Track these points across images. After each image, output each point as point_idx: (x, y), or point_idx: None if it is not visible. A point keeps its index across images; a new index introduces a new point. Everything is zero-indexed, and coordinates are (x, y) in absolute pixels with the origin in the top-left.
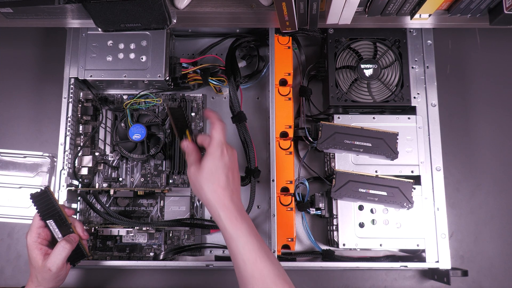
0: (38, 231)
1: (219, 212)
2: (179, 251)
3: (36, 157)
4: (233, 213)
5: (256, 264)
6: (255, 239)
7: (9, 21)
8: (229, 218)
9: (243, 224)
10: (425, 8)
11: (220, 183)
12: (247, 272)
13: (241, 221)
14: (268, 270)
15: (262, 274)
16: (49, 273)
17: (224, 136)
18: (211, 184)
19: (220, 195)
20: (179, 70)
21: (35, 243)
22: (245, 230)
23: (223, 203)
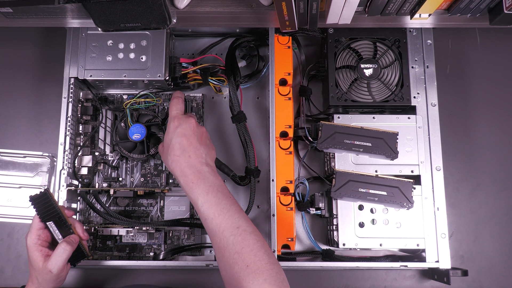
0: (38, 233)
1: (178, 179)
2: (179, 251)
3: (36, 157)
4: (189, 177)
5: (215, 220)
6: (213, 196)
7: (9, 21)
8: (186, 183)
9: (199, 185)
10: (425, 7)
11: (175, 152)
12: (209, 229)
13: (197, 183)
14: (226, 223)
15: (220, 228)
16: (50, 274)
17: (176, 110)
18: (170, 156)
19: (177, 162)
20: (179, 70)
21: (35, 245)
22: (202, 191)
23: (180, 170)
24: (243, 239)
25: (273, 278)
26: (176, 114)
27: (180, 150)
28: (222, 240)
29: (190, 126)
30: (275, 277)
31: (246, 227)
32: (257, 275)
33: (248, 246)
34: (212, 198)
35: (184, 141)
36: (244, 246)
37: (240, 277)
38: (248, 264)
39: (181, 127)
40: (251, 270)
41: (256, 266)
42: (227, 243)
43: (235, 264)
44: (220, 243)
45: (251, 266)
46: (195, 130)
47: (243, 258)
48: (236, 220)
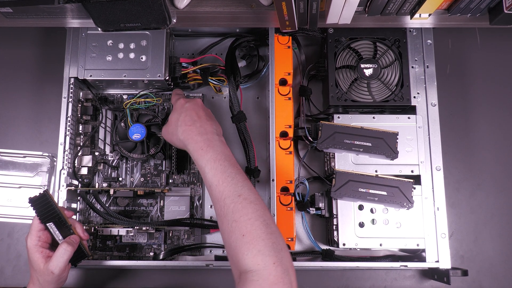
0: (38, 234)
1: (188, 147)
2: (179, 251)
3: (36, 157)
4: (199, 144)
5: (218, 187)
6: (221, 164)
7: (9, 21)
8: (196, 149)
9: (208, 152)
10: (425, 7)
11: (186, 123)
12: (212, 196)
13: (207, 150)
14: (229, 190)
15: (223, 195)
16: (52, 275)
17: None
18: (180, 127)
19: (188, 131)
20: (179, 69)
21: (35, 247)
22: (210, 157)
23: (191, 138)
24: (243, 208)
25: (268, 248)
26: (181, 97)
27: (191, 120)
28: (223, 208)
29: (197, 102)
30: (270, 247)
31: (248, 196)
32: (252, 246)
33: (246, 215)
34: (219, 165)
35: (193, 114)
36: (243, 214)
37: (236, 247)
38: (244, 233)
39: (188, 103)
40: (246, 240)
41: (252, 236)
42: (227, 211)
43: (232, 233)
44: (221, 211)
45: (247, 236)
46: (202, 106)
47: (240, 227)
48: (239, 188)
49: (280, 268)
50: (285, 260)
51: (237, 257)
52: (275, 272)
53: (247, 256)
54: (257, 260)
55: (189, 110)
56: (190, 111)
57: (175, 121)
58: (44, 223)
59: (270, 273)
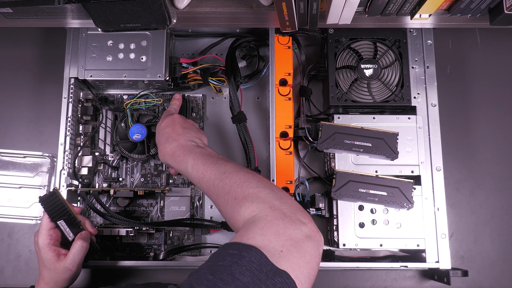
0: (49, 233)
1: (171, 165)
2: (179, 251)
3: (36, 157)
4: (176, 153)
5: (205, 177)
6: (200, 160)
7: (9, 21)
8: (176, 161)
9: (185, 156)
10: (425, 8)
11: (161, 142)
12: (205, 189)
13: (184, 155)
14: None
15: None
16: (69, 273)
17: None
18: (159, 149)
19: (165, 150)
20: (179, 70)
21: (48, 246)
22: (189, 158)
23: (169, 155)
24: (230, 179)
25: (261, 197)
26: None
27: (164, 138)
28: (215, 191)
29: (171, 118)
30: (263, 193)
31: (233, 169)
32: (244, 201)
33: (235, 182)
34: (199, 161)
35: (168, 130)
36: (231, 184)
37: (233, 213)
38: (235, 197)
39: (164, 121)
40: (238, 200)
41: (243, 194)
42: (219, 191)
43: (227, 205)
44: (215, 196)
45: (239, 197)
46: (178, 120)
47: (232, 194)
48: (223, 168)
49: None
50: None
51: (236, 222)
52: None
53: (242, 213)
54: (252, 208)
55: (163, 129)
56: (164, 130)
57: (157, 142)
58: (55, 221)
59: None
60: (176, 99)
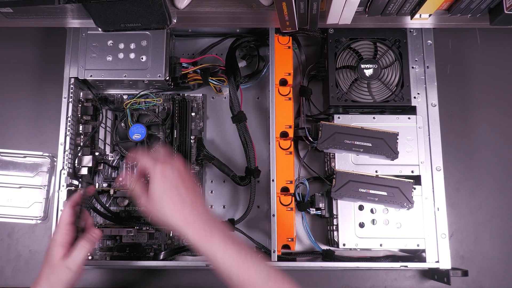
0: (67, 228)
1: (187, 232)
2: (179, 251)
3: (36, 157)
4: (201, 226)
5: (242, 274)
6: (231, 245)
7: (9, 21)
8: (199, 235)
9: (213, 235)
10: (425, 8)
11: (174, 202)
12: (234, 281)
13: (211, 233)
14: (255, 273)
15: (251, 280)
16: (68, 273)
17: (154, 158)
18: (167, 206)
19: (180, 213)
20: (179, 70)
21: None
22: (218, 241)
23: (186, 221)
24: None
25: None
26: (160, 160)
27: (179, 199)
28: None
29: (180, 171)
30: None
31: (275, 274)
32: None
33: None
34: (231, 247)
35: (181, 188)
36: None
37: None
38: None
39: (173, 174)
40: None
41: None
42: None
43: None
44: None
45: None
46: (187, 174)
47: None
48: (263, 267)
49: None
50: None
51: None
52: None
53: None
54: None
55: (175, 184)
56: (176, 186)
57: (160, 197)
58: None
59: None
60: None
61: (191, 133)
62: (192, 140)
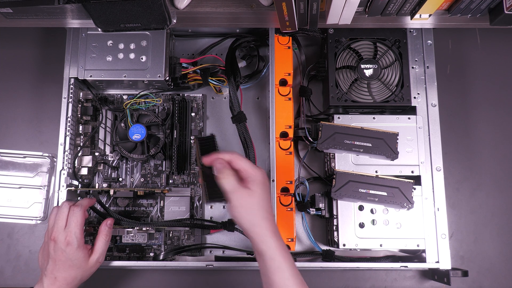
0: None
1: (268, 240)
2: (179, 251)
3: (36, 157)
4: (280, 241)
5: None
6: (296, 270)
7: (9, 21)
8: (279, 247)
9: (288, 254)
10: (425, 8)
11: (269, 210)
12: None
13: (287, 251)
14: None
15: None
16: (98, 265)
17: (251, 162)
18: (262, 211)
19: (271, 222)
20: (179, 70)
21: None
22: (290, 261)
23: (272, 231)
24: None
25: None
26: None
27: (271, 209)
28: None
29: (268, 186)
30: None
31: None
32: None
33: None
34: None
35: (266, 204)
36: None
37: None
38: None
39: (269, 184)
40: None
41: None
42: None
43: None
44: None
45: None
46: (269, 193)
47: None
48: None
49: None
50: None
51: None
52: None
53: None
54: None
55: (269, 193)
56: (269, 195)
57: (261, 200)
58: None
59: None
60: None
61: (191, 133)
62: (192, 140)
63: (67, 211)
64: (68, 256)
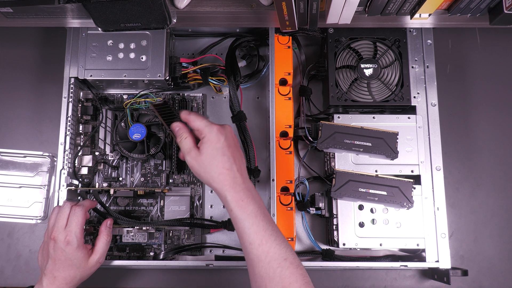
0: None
1: (225, 194)
2: (179, 251)
3: (36, 156)
4: (239, 194)
5: (262, 246)
6: (262, 220)
7: (9, 21)
8: (236, 199)
9: (249, 205)
10: (425, 7)
11: (224, 165)
12: (253, 254)
13: (247, 202)
14: (274, 252)
15: (267, 257)
16: (98, 266)
17: (207, 120)
18: (215, 167)
19: (226, 176)
20: (179, 69)
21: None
22: (251, 211)
23: (229, 185)
24: (291, 274)
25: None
26: (210, 122)
27: (228, 163)
28: (268, 271)
29: (233, 136)
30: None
31: (293, 259)
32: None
33: (296, 281)
34: (261, 221)
35: (231, 154)
36: (292, 281)
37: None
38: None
39: (226, 138)
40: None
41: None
42: (274, 275)
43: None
44: (265, 273)
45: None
46: (237, 140)
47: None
48: (283, 250)
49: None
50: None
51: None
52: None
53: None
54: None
55: (226, 148)
56: (227, 149)
57: (211, 157)
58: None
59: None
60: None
61: None
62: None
63: (69, 211)
64: (68, 256)
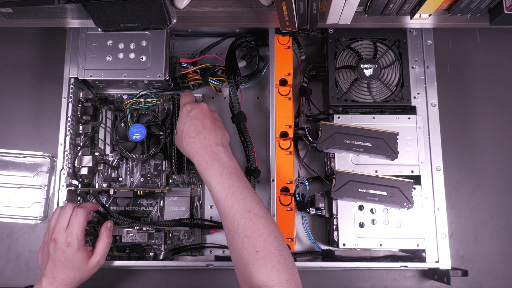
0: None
1: (193, 160)
2: (179, 251)
3: (36, 157)
4: (204, 157)
5: (226, 201)
6: (227, 178)
7: (9, 21)
8: (201, 163)
9: (213, 166)
10: (425, 8)
11: (190, 134)
12: (220, 210)
13: (212, 164)
14: (238, 205)
15: (232, 210)
16: (98, 268)
17: (187, 99)
18: (184, 139)
19: (192, 143)
20: (179, 70)
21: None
22: (216, 171)
23: (195, 151)
24: (254, 223)
25: (281, 265)
26: (188, 101)
27: (195, 132)
28: (232, 223)
29: (202, 110)
30: (283, 264)
31: (258, 211)
32: (266, 262)
33: (258, 230)
34: (226, 179)
35: (198, 123)
36: (254, 230)
37: (248, 262)
38: (257, 249)
39: (194, 110)
40: (260, 256)
41: (265, 252)
42: (238, 226)
43: (244, 249)
44: (230, 226)
45: (260, 252)
46: (208, 113)
47: (253, 243)
48: (248, 203)
49: (293, 285)
50: (296, 277)
51: (249, 272)
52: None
53: (261, 272)
54: (272, 276)
55: (194, 119)
56: (195, 121)
57: (181, 131)
58: None
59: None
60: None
61: None
62: None
63: (71, 212)
64: (68, 257)
